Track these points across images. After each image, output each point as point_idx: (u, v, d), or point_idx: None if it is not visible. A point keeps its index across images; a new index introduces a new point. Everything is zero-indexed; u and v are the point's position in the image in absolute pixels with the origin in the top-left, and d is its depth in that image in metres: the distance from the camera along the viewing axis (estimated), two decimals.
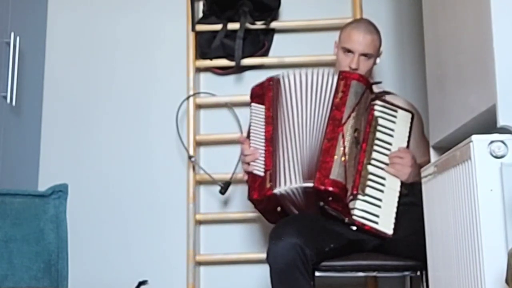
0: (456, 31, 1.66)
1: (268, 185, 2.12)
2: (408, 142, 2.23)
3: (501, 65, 1.39)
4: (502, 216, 1.37)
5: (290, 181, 2.11)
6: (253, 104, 2.31)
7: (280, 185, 2.11)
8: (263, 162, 2.17)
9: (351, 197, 2.08)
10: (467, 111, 1.56)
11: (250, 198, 2.17)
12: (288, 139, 2.18)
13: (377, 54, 2.39)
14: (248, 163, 2.20)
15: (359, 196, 2.10)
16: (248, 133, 2.29)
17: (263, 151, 2.19)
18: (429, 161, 1.91)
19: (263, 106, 2.28)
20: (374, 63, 2.39)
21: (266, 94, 2.29)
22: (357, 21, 2.45)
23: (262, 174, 2.16)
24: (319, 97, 2.21)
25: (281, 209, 2.18)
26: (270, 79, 2.32)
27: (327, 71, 2.27)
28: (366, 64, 2.34)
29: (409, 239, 2.04)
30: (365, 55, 2.32)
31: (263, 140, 2.21)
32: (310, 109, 2.21)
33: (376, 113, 2.24)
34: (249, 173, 2.20)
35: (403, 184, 2.17)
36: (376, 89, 2.35)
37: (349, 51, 2.31)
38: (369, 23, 2.40)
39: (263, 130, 2.23)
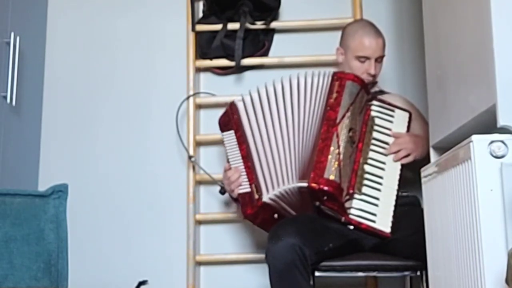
0: (456, 31, 1.66)
1: (256, 196, 2.17)
2: None
3: (501, 65, 1.39)
4: (502, 216, 1.37)
5: (278, 184, 2.14)
6: (223, 134, 2.37)
7: (268, 191, 2.15)
8: (246, 178, 2.22)
9: (347, 197, 2.09)
10: (467, 111, 1.56)
11: (244, 214, 2.21)
12: (271, 147, 2.22)
13: None
14: (234, 182, 2.23)
15: (356, 196, 2.11)
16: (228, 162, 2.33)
17: (243, 170, 2.23)
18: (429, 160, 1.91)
19: (231, 131, 2.33)
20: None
21: (232, 119, 2.34)
22: (361, 25, 2.41)
23: (248, 189, 2.21)
24: (312, 98, 2.22)
25: (278, 216, 2.19)
26: (231, 104, 2.38)
27: (322, 72, 2.27)
28: (380, 66, 2.38)
29: (409, 239, 2.04)
30: (379, 58, 2.34)
31: (241, 160, 2.26)
32: (302, 111, 2.21)
33: (373, 113, 2.25)
34: (238, 195, 2.23)
35: (401, 184, 2.17)
36: (371, 88, 2.36)
37: (364, 58, 2.32)
38: (372, 24, 2.40)
39: (239, 152, 2.27)
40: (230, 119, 2.35)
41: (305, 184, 2.06)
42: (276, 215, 2.19)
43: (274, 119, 2.25)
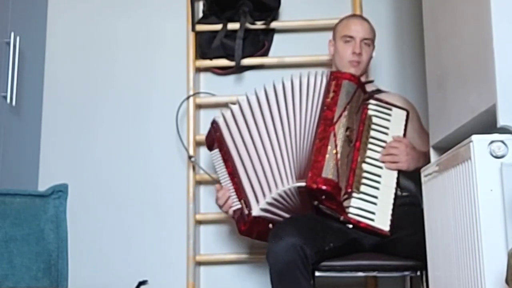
0: (456, 31, 1.66)
1: (246, 212, 2.16)
2: None
3: (501, 65, 1.39)
4: (502, 216, 1.37)
5: (270, 190, 2.13)
6: (211, 153, 2.38)
7: (258, 203, 2.15)
8: (235, 196, 2.22)
9: (345, 196, 2.08)
10: (467, 111, 1.56)
11: (240, 232, 2.21)
12: (252, 157, 2.21)
13: (374, 44, 2.42)
14: (224, 204, 2.24)
15: (354, 194, 2.10)
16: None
17: (231, 187, 2.23)
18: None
19: (216, 150, 2.33)
20: (371, 56, 2.41)
21: (215, 137, 2.34)
22: (349, 15, 2.54)
23: (239, 206, 2.21)
24: (306, 98, 2.22)
25: (273, 225, 2.18)
26: (212, 122, 2.38)
27: (316, 72, 2.27)
28: (368, 51, 2.39)
29: (409, 239, 2.04)
30: (366, 40, 2.36)
31: (228, 178, 2.26)
32: (298, 111, 2.21)
33: (370, 112, 2.25)
34: (233, 213, 2.23)
35: (399, 183, 2.17)
36: (369, 87, 2.36)
37: (350, 38, 2.35)
38: (360, 15, 2.49)
39: (225, 169, 2.27)
40: (213, 138, 2.36)
41: (303, 184, 2.05)
42: (271, 225, 2.18)
43: (260, 127, 2.24)
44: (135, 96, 2.93)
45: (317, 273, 2.06)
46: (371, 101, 2.27)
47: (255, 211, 2.15)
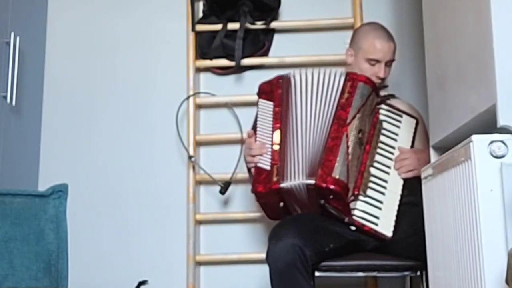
0: (456, 31, 1.66)
1: (275, 179, 2.13)
2: (412, 147, 2.24)
3: (501, 65, 1.39)
4: (502, 216, 1.37)
5: (296, 176, 2.12)
6: (261, 100, 2.33)
7: (287, 179, 2.12)
8: (269, 156, 2.19)
9: (352, 197, 2.09)
10: (467, 111, 1.56)
11: (254, 191, 2.17)
12: (295, 136, 2.20)
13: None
14: (253, 156, 2.20)
15: (360, 197, 2.11)
16: (254, 128, 2.30)
17: (270, 146, 2.20)
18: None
19: (271, 103, 2.29)
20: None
21: (275, 91, 2.31)
22: (374, 28, 2.40)
23: (268, 167, 2.17)
24: (324, 96, 2.23)
25: (283, 205, 2.18)
26: (280, 77, 2.34)
27: (334, 71, 2.27)
28: (389, 71, 2.38)
29: (409, 239, 2.04)
30: (389, 61, 2.35)
31: (271, 135, 2.22)
32: (316, 107, 2.22)
33: (381, 117, 2.25)
34: (254, 166, 2.20)
35: (404, 184, 2.18)
36: (382, 92, 2.36)
37: (375, 61, 2.32)
38: (384, 27, 2.40)
39: (271, 125, 2.24)
40: (272, 91, 2.32)
41: (312, 182, 2.06)
42: (282, 204, 2.18)
43: (308, 107, 2.23)
44: (135, 96, 2.93)
45: (317, 273, 2.07)
46: (383, 106, 2.27)
47: (284, 184, 2.12)
